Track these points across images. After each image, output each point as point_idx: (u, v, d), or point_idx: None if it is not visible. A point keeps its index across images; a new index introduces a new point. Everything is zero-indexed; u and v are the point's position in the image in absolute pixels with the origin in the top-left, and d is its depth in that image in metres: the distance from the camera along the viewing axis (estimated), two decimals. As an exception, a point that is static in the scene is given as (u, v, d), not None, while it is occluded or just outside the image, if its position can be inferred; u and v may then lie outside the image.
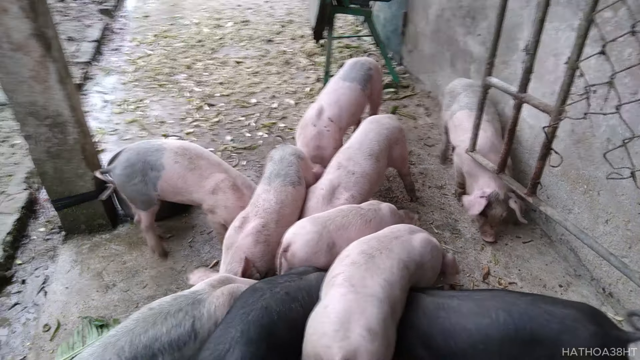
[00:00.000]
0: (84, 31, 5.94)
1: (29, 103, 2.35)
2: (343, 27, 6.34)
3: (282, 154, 2.47)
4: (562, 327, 1.50)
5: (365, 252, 1.74)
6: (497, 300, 1.62)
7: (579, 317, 1.52)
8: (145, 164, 2.37)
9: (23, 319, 2.35)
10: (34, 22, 2.16)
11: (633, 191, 2.14)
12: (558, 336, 1.50)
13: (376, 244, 1.80)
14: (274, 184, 2.30)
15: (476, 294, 1.71)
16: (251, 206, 2.26)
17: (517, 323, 1.53)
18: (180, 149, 2.41)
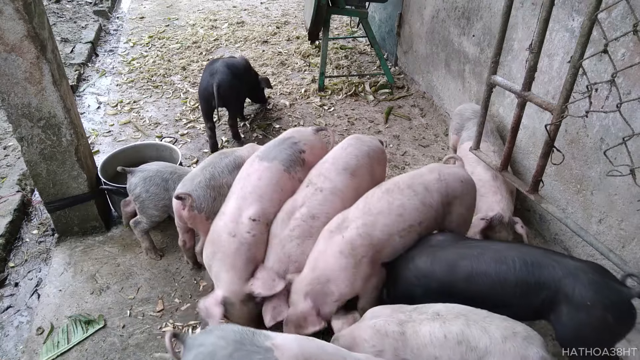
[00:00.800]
0: (79, 32, 5.92)
1: (23, 105, 2.34)
2: (338, 28, 6.35)
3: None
4: (565, 272, 1.72)
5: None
6: (514, 250, 1.87)
7: (583, 267, 1.74)
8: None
9: (16, 322, 2.33)
10: (29, 24, 2.15)
11: (626, 190, 2.15)
12: (560, 280, 1.71)
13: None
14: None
15: (494, 245, 1.96)
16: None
17: (530, 269, 1.77)
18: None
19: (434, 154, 3.67)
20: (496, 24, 3.08)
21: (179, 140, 3.81)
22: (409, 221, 2.02)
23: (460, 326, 1.62)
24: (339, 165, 2.25)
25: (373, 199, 2.06)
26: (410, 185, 2.08)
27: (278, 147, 2.36)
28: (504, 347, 1.56)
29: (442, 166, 2.23)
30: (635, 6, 1.89)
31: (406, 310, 1.76)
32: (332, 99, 4.51)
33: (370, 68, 5.15)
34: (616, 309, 1.67)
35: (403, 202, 2.02)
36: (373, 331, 1.71)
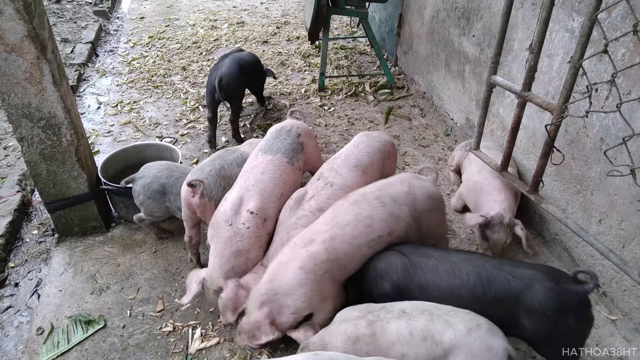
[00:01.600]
0: (79, 33, 5.93)
1: (23, 105, 2.34)
2: (338, 29, 6.35)
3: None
4: (522, 285, 1.71)
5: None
6: (469, 264, 1.83)
7: (537, 275, 1.72)
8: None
9: (16, 322, 2.33)
10: (29, 24, 2.16)
11: (626, 191, 2.15)
12: (518, 294, 1.70)
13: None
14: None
15: (452, 256, 1.92)
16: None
17: (485, 285, 1.75)
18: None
19: (434, 154, 3.67)
20: (496, 24, 3.08)
21: (179, 141, 3.81)
22: (378, 232, 2.00)
23: (424, 322, 1.65)
24: (350, 162, 2.31)
25: (341, 211, 2.02)
26: (379, 196, 2.05)
27: (278, 139, 2.43)
28: (468, 339, 1.59)
29: (413, 178, 2.18)
30: (635, 6, 1.89)
31: (374, 309, 1.77)
32: (332, 99, 4.52)
33: (370, 68, 5.15)
34: (576, 312, 1.70)
35: (371, 213, 2.00)
36: (344, 337, 1.71)
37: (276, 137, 2.45)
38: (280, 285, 1.94)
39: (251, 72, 3.80)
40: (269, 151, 2.36)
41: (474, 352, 1.57)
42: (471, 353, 1.57)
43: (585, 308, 1.71)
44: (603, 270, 2.39)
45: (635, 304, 2.22)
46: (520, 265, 1.82)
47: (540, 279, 1.72)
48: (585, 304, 1.71)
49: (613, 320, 2.27)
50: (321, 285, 1.95)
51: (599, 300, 2.39)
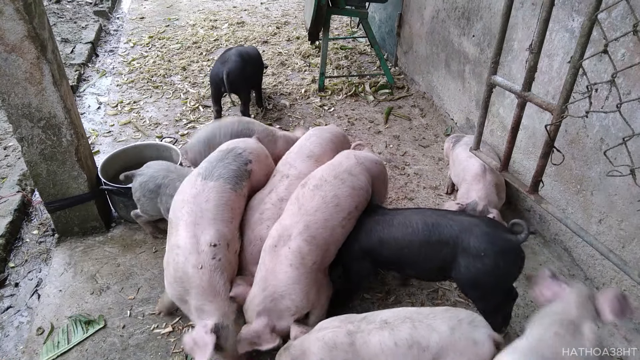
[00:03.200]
0: (79, 33, 5.93)
1: (23, 105, 2.34)
2: (338, 29, 6.35)
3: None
4: (461, 228, 1.92)
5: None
6: (418, 214, 2.06)
7: (477, 222, 1.94)
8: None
9: (16, 323, 2.33)
10: (29, 24, 2.16)
11: (626, 191, 2.15)
12: (457, 236, 1.91)
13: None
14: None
15: (404, 211, 2.16)
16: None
17: (430, 229, 1.96)
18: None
19: (434, 154, 3.67)
20: (496, 24, 3.08)
21: (179, 141, 3.81)
22: (347, 209, 2.06)
23: (408, 330, 1.62)
24: (303, 153, 2.41)
25: (305, 199, 2.04)
26: (336, 175, 2.11)
27: (222, 162, 2.21)
28: (453, 338, 1.59)
29: (354, 152, 2.33)
30: (635, 6, 1.89)
31: (355, 320, 1.74)
32: (332, 99, 4.52)
33: (370, 68, 5.15)
34: (506, 256, 1.88)
35: (335, 192, 2.05)
36: (321, 344, 1.68)
37: (221, 160, 2.23)
38: (276, 290, 1.91)
39: (255, 64, 3.96)
40: (210, 177, 2.13)
41: (461, 350, 1.58)
42: (459, 352, 1.58)
43: (516, 255, 1.90)
44: (603, 271, 2.39)
45: (636, 304, 2.22)
46: (462, 214, 2.07)
47: (478, 224, 1.93)
48: (516, 251, 1.89)
49: (613, 321, 2.27)
50: (314, 277, 1.96)
51: (599, 300, 2.39)
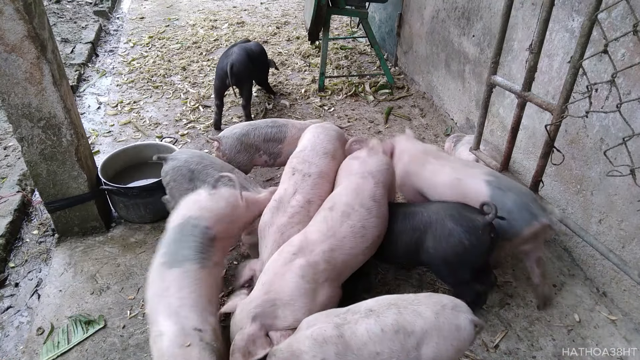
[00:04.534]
0: (79, 33, 5.93)
1: (23, 105, 2.34)
2: (338, 29, 6.35)
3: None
4: (430, 213, 2.12)
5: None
6: (400, 207, 2.26)
7: (445, 206, 2.12)
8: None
9: (16, 323, 2.33)
10: (29, 24, 2.16)
11: (626, 191, 2.15)
12: (426, 220, 2.10)
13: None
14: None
15: (393, 206, 2.28)
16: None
17: (407, 218, 2.17)
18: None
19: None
20: (496, 24, 3.08)
21: (179, 141, 3.81)
22: (371, 239, 2.07)
23: (393, 316, 1.66)
24: (319, 151, 2.39)
25: (334, 223, 2.03)
26: (362, 204, 2.08)
27: (181, 243, 1.99)
28: (437, 323, 1.63)
29: (370, 166, 2.23)
30: (635, 6, 1.89)
31: (340, 313, 1.75)
32: (332, 99, 4.52)
33: (370, 68, 5.15)
34: (471, 235, 1.98)
35: (363, 223, 2.05)
36: (311, 341, 1.66)
37: (179, 240, 2.00)
38: (279, 297, 1.87)
39: (258, 60, 4.02)
40: (174, 263, 1.91)
41: (445, 334, 1.63)
42: (442, 336, 1.62)
43: (481, 234, 1.99)
44: (603, 271, 2.39)
45: (635, 304, 2.22)
46: (438, 202, 2.23)
47: (446, 207, 2.10)
48: (480, 230, 1.98)
49: (613, 320, 2.27)
50: (321, 293, 1.93)
51: (599, 300, 2.39)
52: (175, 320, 1.75)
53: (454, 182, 2.27)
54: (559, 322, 2.28)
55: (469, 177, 2.26)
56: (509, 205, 2.10)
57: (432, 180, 2.37)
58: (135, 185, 2.91)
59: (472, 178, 2.25)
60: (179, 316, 1.77)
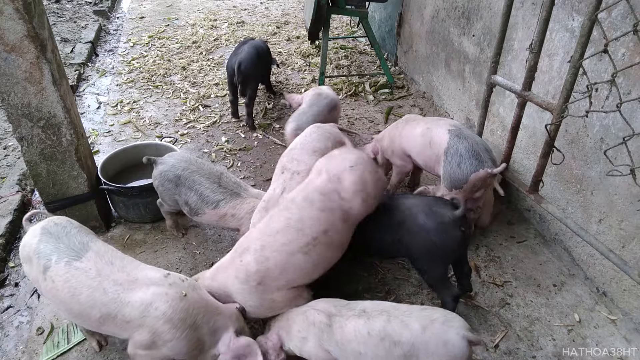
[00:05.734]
0: (78, 32, 5.92)
1: (23, 104, 2.34)
2: (338, 28, 6.35)
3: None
4: (405, 208, 2.14)
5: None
6: (384, 205, 2.21)
7: (420, 202, 2.14)
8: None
9: (16, 322, 2.33)
10: (29, 24, 2.15)
11: (626, 190, 2.15)
12: (404, 215, 2.13)
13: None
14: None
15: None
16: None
17: (388, 215, 2.17)
18: None
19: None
20: (496, 24, 3.08)
21: (179, 140, 3.81)
22: (311, 234, 1.88)
23: (382, 322, 1.69)
24: (308, 149, 2.38)
25: (273, 219, 1.96)
26: (305, 196, 1.97)
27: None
28: (424, 337, 1.63)
29: (328, 162, 2.07)
30: (635, 6, 1.89)
31: (339, 304, 1.85)
32: (332, 98, 4.51)
33: (370, 68, 5.15)
34: (439, 230, 2.02)
35: (301, 215, 1.91)
36: (302, 318, 1.82)
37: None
38: (221, 288, 1.98)
39: (265, 58, 4.10)
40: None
41: (431, 350, 1.61)
42: (430, 352, 1.61)
43: (452, 228, 2.03)
44: (603, 270, 2.39)
45: (635, 304, 2.22)
46: (415, 196, 2.27)
47: (419, 204, 2.13)
48: (450, 224, 2.02)
49: (613, 320, 2.27)
50: (261, 297, 1.91)
51: (599, 300, 2.39)
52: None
53: (424, 131, 2.61)
54: (559, 322, 2.28)
55: (436, 126, 2.58)
56: (461, 150, 2.40)
57: (411, 133, 2.71)
58: (135, 185, 2.91)
59: (438, 127, 2.56)
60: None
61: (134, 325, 1.70)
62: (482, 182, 2.40)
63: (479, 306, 2.36)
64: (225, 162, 3.54)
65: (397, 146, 2.80)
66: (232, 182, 2.54)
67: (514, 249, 2.73)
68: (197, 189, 2.46)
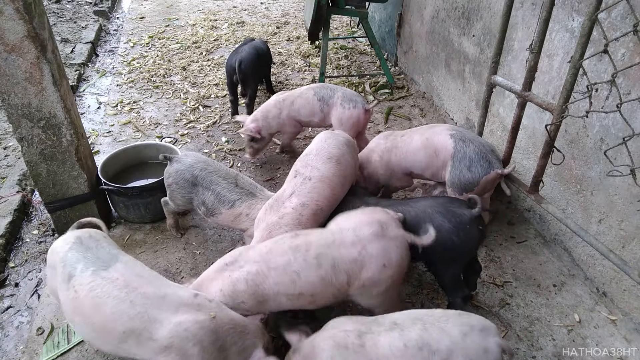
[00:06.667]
0: (79, 33, 5.93)
1: (23, 105, 2.34)
2: (338, 29, 6.35)
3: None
4: (418, 211, 2.11)
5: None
6: (390, 205, 2.22)
7: (432, 203, 2.12)
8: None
9: (16, 323, 2.33)
10: (29, 24, 2.16)
11: (626, 191, 2.15)
12: (415, 217, 2.09)
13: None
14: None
15: (381, 200, 2.36)
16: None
17: (413, 219, 2.11)
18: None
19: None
20: (496, 24, 3.08)
21: (179, 141, 3.81)
22: (300, 290, 1.86)
23: (418, 331, 1.59)
24: (323, 155, 2.34)
25: (278, 251, 1.91)
26: (319, 255, 1.86)
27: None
28: (464, 344, 1.56)
29: (372, 238, 1.88)
30: (635, 6, 1.89)
31: (366, 321, 1.71)
32: (332, 99, 4.51)
33: (370, 68, 5.15)
34: (459, 231, 2.01)
35: (301, 270, 1.85)
36: (332, 342, 1.65)
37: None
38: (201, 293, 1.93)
39: (265, 57, 4.14)
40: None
41: (471, 356, 1.56)
42: (469, 357, 1.56)
43: (469, 227, 2.02)
44: (603, 271, 2.39)
45: (635, 304, 2.22)
46: (425, 198, 2.24)
47: (433, 205, 2.11)
48: (468, 224, 2.02)
49: (613, 320, 2.27)
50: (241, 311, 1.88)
51: (599, 300, 2.39)
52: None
53: (425, 143, 2.59)
54: (559, 322, 2.28)
55: (435, 135, 2.57)
56: (470, 154, 2.43)
57: (408, 149, 2.65)
58: (135, 185, 2.91)
59: (438, 135, 2.55)
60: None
61: (160, 345, 1.60)
62: (492, 183, 2.47)
63: (479, 306, 2.36)
64: (225, 162, 3.55)
65: (396, 167, 2.69)
66: (248, 183, 2.56)
67: (514, 249, 2.73)
68: (215, 189, 2.47)
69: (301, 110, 3.28)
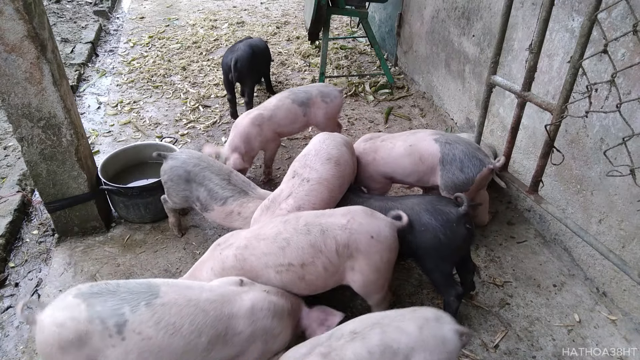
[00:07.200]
0: (79, 33, 5.93)
1: (23, 105, 2.34)
2: (338, 29, 6.35)
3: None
4: (406, 209, 2.11)
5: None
6: (380, 200, 2.27)
7: (420, 201, 2.15)
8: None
9: (16, 323, 2.33)
10: (29, 24, 2.16)
11: (626, 191, 2.15)
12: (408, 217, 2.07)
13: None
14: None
15: (372, 198, 2.35)
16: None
17: (385, 214, 2.10)
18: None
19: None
20: (496, 24, 3.08)
21: (179, 141, 3.81)
22: (289, 258, 1.86)
23: (378, 336, 1.58)
24: (322, 156, 2.31)
25: (270, 225, 1.97)
26: (309, 222, 1.92)
27: None
28: (422, 337, 1.58)
29: (362, 213, 1.98)
30: (635, 6, 1.89)
31: (322, 341, 1.63)
32: (332, 99, 4.51)
33: (370, 68, 5.15)
34: (445, 229, 2.02)
35: (291, 236, 1.89)
36: None
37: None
38: (196, 277, 2.00)
39: (262, 55, 4.12)
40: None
41: (431, 348, 1.58)
42: (428, 350, 1.57)
43: (456, 225, 2.03)
44: (603, 271, 2.39)
45: (635, 304, 2.22)
46: (414, 196, 2.26)
47: (421, 202, 2.13)
48: (455, 222, 2.03)
49: (613, 320, 2.27)
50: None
51: (599, 300, 2.39)
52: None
53: (408, 150, 2.52)
54: (559, 322, 2.28)
55: (419, 141, 2.51)
56: (459, 156, 2.40)
57: (389, 155, 2.57)
58: (135, 185, 2.91)
59: (422, 141, 2.50)
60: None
61: (245, 336, 1.69)
62: (486, 179, 2.47)
63: (479, 306, 2.36)
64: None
65: (373, 171, 2.63)
66: (242, 181, 2.56)
67: (514, 249, 2.73)
68: (207, 185, 2.47)
69: (282, 122, 3.14)
